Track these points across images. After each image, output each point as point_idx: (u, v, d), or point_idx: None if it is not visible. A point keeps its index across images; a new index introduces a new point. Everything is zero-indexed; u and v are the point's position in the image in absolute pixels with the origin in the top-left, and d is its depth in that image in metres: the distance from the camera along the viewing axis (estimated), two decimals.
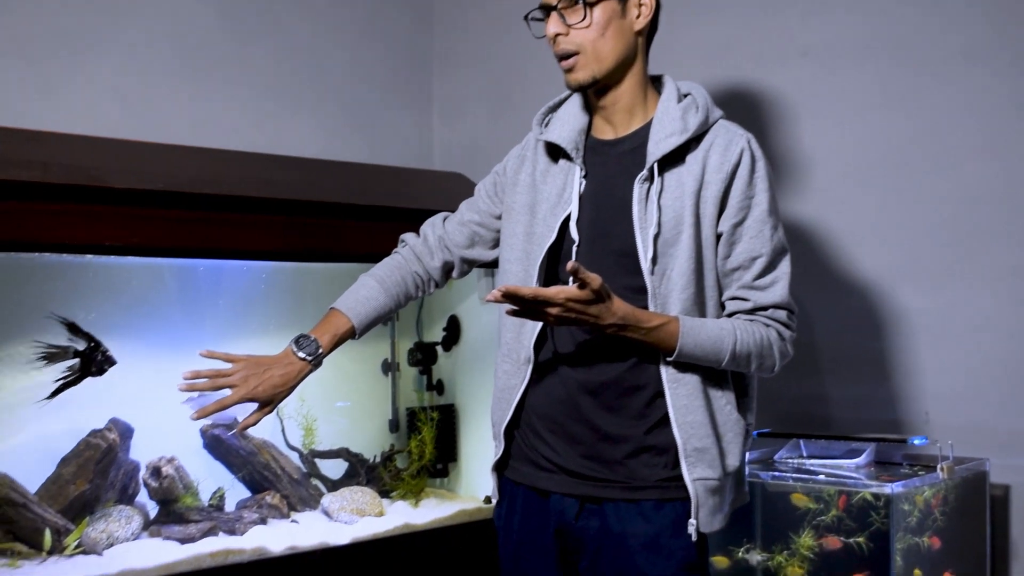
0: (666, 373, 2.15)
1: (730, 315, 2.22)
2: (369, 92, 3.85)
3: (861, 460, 2.79)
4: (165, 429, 2.91)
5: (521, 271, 2.28)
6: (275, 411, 3.09)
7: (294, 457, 3.21)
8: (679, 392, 2.15)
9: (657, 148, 2.18)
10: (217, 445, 3.02)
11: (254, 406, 2.26)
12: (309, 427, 3.24)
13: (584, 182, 2.25)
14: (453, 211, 2.52)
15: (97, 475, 2.73)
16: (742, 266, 2.19)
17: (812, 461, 2.83)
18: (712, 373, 2.18)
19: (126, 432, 2.84)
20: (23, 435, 2.77)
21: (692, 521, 2.14)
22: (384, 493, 3.25)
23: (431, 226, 2.53)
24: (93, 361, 2.41)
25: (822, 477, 2.69)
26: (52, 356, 2.63)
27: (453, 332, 3.43)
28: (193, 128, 3.31)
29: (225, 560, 2.68)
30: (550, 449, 2.25)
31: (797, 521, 2.69)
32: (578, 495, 2.22)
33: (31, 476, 2.69)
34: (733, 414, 2.20)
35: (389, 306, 2.44)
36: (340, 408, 3.36)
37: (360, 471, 3.29)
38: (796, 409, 3.03)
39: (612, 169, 2.25)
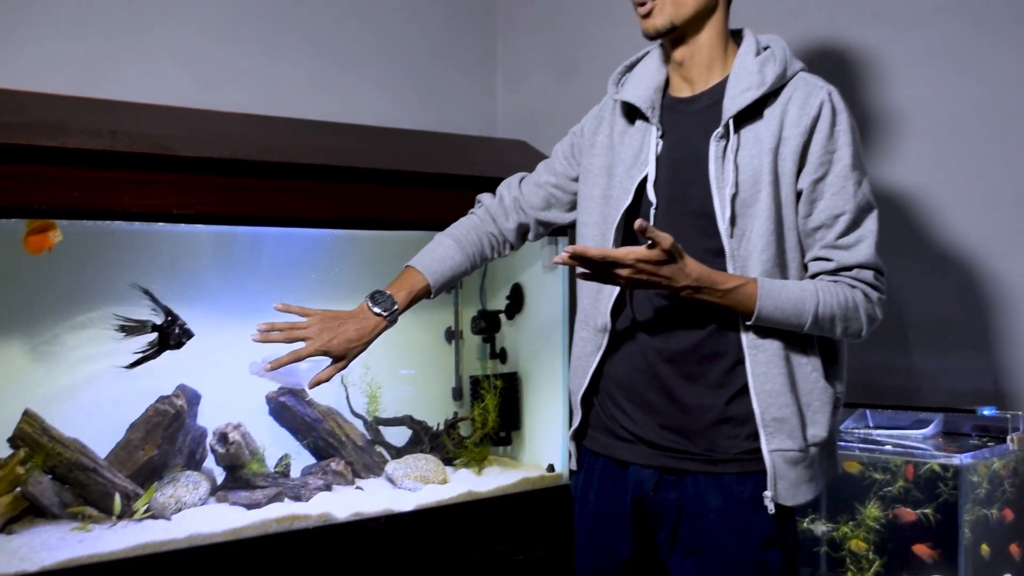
0: (746, 339, 2.08)
1: (813, 277, 2.12)
2: (433, 59, 3.84)
3: (929, 431, 2.75)
4: (232, 396, 2.93)
5: (598, 235, 2.23)
6: (340, 378, 3.14)
7: (358, 424, 3.23)
8: (759, 359, 2.08)
9: (733, 103, 2.10)
10: (283, 412, 3.04)
11: (325, 363, 2.25)
12: (373, 394, 3.26)
13: (661, 142, 2.19)
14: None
15: (165, 441, 2.76)
16: (824, 224, 2.09)
17: (879, 431, 2.80)
18: (795, 339, 2.10)
19: (193, 398, 2.86)
20: (93, 400, 2.81)
21: (767, 493, 2.08)
22: (447, 461, 3.26)
23: (507, 187, 2.50)
24: (171, 335, 2.43)
25: (889, 448, 2.65)
26: (130, 329, 2.66)
27: (516, 300, 3.43)
28: (259, 96, 3.32)
29: (291, 526, 2.70)
30: (628, 419, 2.21)
31: (863, 492, 2.67)
32: (657, 466, 2.17)
33: (101, 441, 2.73)
34: (820, 382, 2.12)
35: (465, 266, 2.41)
36: (404, 376, 3.37)
37: (424, 438, 3.30)
38: (861, 379, 2.99)
39: (689, 127, 2.18)
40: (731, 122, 2.10)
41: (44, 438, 2.60)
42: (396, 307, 2.30)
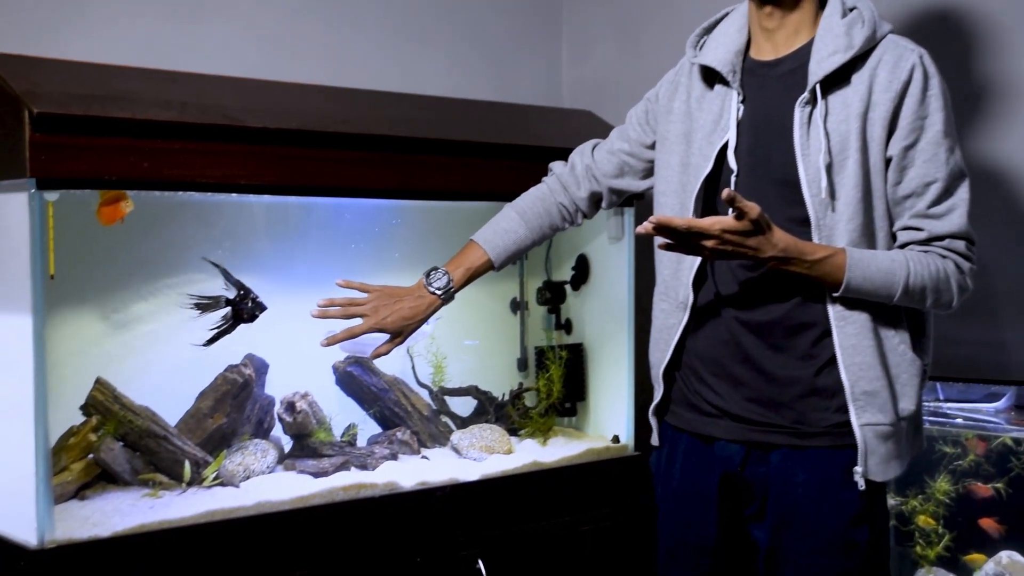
0: (833, 311, 2.04)
1: (903, 246, 2.08)
2: (499, 29, 3.82)
3: (1001, 404, 2.71)
4: (299, 365, 2.95)
5: (676, 204, 2.19)
6: (406, 348, 3.16)
7: (424, 394, 3.24)
8: (847, 331, 2.03)
9: (819, 68, 2.05)
10: (349, 381, 3.06)
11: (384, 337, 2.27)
12: (439, 365, 3.27)
13: (742, 107, 2.13)
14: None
15: (234, 409, 2.79)
16: (915, 193, 2.04)
17: (949, 404, 2.76)
18: (884, 310, 2.05)
19: (261, 367, 2.89)
20: (163, 369, 2.85)
21: (858, 469, 2.05)
22: (512, 431, 3.26)
23: (579, 154, 2.46)
24: (244, 309, 2.46)
25: (959, 421, 2.62)
26: (204, 306, 2.70)
27: (582, 271, 3.41)
28: (327, 67, 3.33)
29: (357, 494, 2.72)
30: (713, 393, 2.17)
31: (933, 465, 2.64)
32: (743, 441, 2.14)
33: (171, 410, 2.77)
34: (908, 354, 2.08)
35: (529, 239, 2.40)
36: (469, 346, 3.38)
37: (489, 409, 3.30)
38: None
39: (772, 92, 2.13)
40: (818, 87, 2.04)
41: (115, 406, 2.64)
42: (451, 285, 2.31)
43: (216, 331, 2.55)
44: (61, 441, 2.60)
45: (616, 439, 3.25)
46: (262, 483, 2.71)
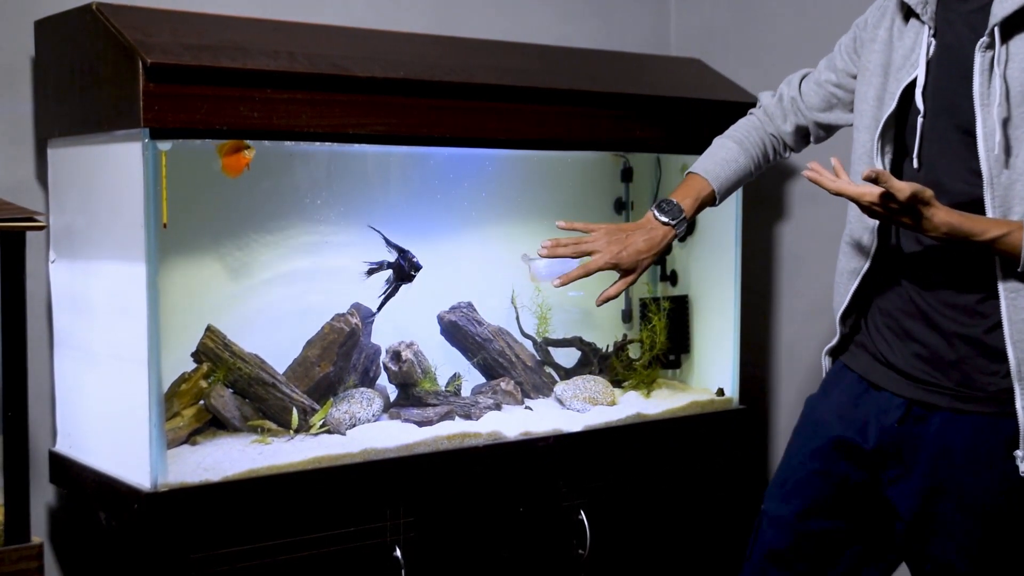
0: (1003, 283, 1.89)
1: None
2: None
3: None
4: (405, 314, 2.97)
5: (868, 141, 2.06)
6: (511, 298, 3.16)
7: (528, 345, 3.24)
8: (1017, 304, 1.89)
9: (1002, 7, 1.86)
10: (454, 331, 3.07)
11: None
12: (543, 315, 3.26)
13: (933, 42, 1.98)
14: (689, 98, 2.37)
15: (340, 358, 2.82)
16: None
17: None
18: None
19: (368, 317, 2.91)
20: (272, 317, 2.88)
21: (1018, 452, 1.92)
22: (616, 383, 3.25)
23: (787, 84, 2.35)
24: (404, 270, 2.48)
25: None
26: (371, 271, 2.74)
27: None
28: (433, 17, 3.32)
29: (461, 443, 2.74)
30: (885, 344, 2.08)
31: None
32: (907, 397, 2.04)
33: (279, 357, 2.80)
34: None
35: (749, 168, 2.30)
36: (573, 297, 3.37)
37: (593, 360, 3.29)
38: None
39: (960, 30, 1.95)
40: (997, 29, 1.88)
41: (226, 353, 2.68)
42: (683, 214, 2.22)
43: (383, 296, 2.60)
44: (173, 387, 2.65)
45: (721, 392, 3.23)
46: (368, 431, 2.73)
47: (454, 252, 3.14)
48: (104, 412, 2.55)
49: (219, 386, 2.67)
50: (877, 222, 2.04)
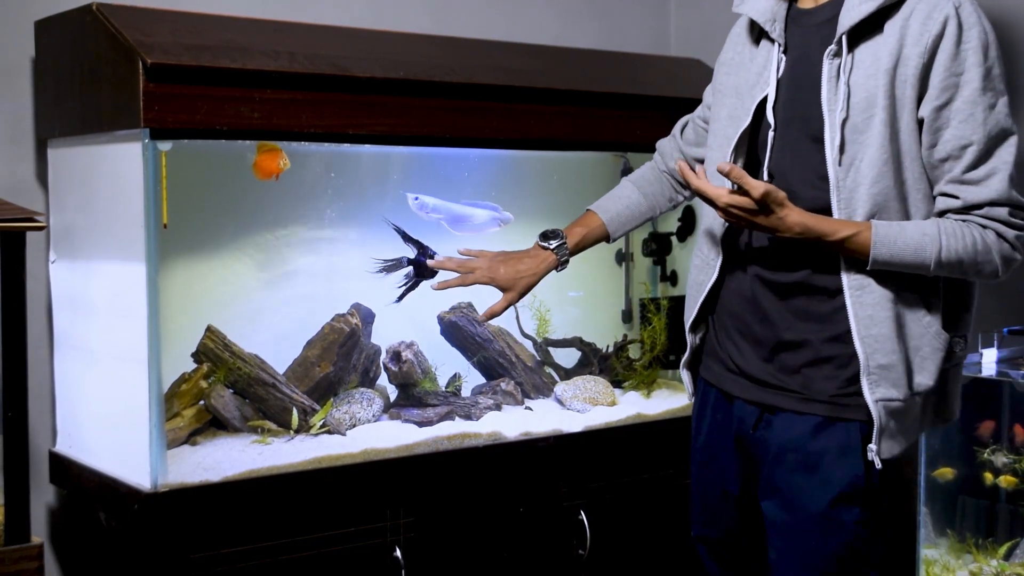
0: (848, 280, 1.93)
1: (940, 214, 1.94)
2: None
3: None
4: (404, 315, 2.97)
5: (720, 159, 2.06)
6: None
7: (528, 345, 3.24)
8: (863, 301, 1.92)
9: (848, 16, 1.91)
10: (454, 331, 3.07)
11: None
12: (543, 316, 3.26)
13: (784, 59, 2.01)
14: (688, 98, 2.44)
15: (340, 358, 2.82)
16: (951, 156, 1.89)
17: None
18: (911, 280, 1.93)
19: (368, 317, 2.91)
20: (272, 318, 2.88)
21: (872, 447, 1.94)
22: (616, 383, 3.25)
23: (679, 123, 2.41)
24: (424, 265, 2.51)
25: None
26: (389, 268, 2.74)
27: (688, 222, 3.37)
28: (434, 17, 3.32)
29: (461, 444, 2.74)
30: (736, 350, 2.10)
31: None
32: (757, 402, 2.07)
33: (279, 357, 2.80)
34: (934, 326, 1.95)
35: (645, 204, 2.38)
36: (573, 298, 3.37)
37: (593, 360, 3.29)
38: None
39: (809, 43, 1.99)
40: (844, 38, 1.92)
41: (226, 353, 2.68)
42: (565, 242, 2.31)
43: (403, 289, 2.60)
44: (173, 388, 2.65)
45: None
46: (368, 431, 2.73)
47: (453, 252, 3.12)
48: (104, 412, 2.55)
49: (219, 386, 2.67)
50: (723, 231, 2.10)
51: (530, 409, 3.02)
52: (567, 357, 3.33)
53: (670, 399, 3.18)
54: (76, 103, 2.52)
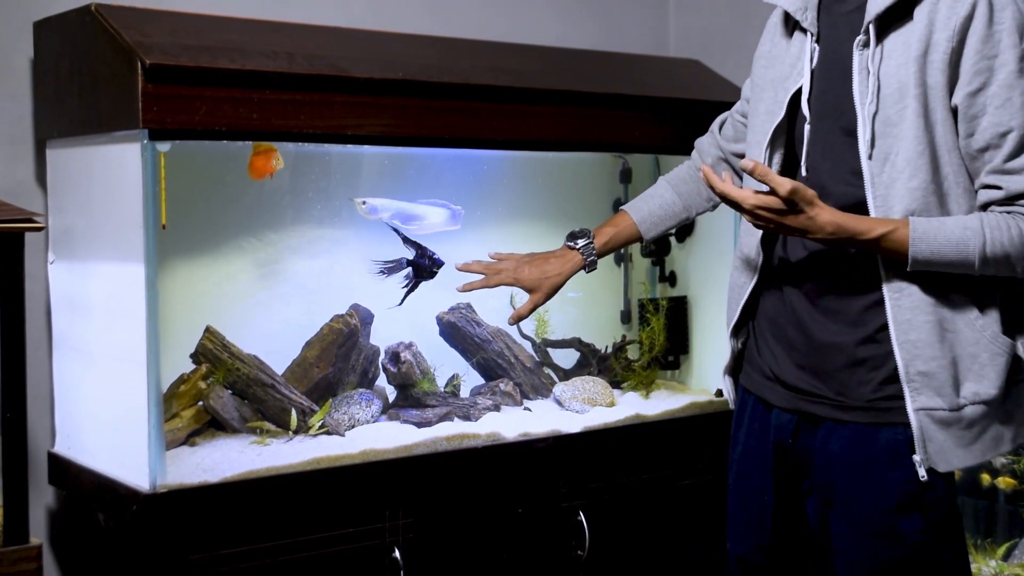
0: (888, 282, 1.85)
1: (984, 208, 1.85)
2: None
3: None
4: (403, 316, 2.97)
5: (759, 155, 2.03)
6: (510, 299, 3.16)
7: (527, 346, 3.24)
8: (902, 304, 1.84)
9: (875, 4, 1.84)
10: (453, 332, 3.07)
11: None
12: (542, 317, 3.26)
13: (817, 48, 1.96)
14: (687, 99, 2.42)
15: (339, 359, 2.82)
16: (990, 145, 1.80)
17: None
18: (958, 281, 1.84)
19: (366, 318, 2.91)
20: (270, 318, 2.88)
21: (916, 457, 1.86)
22: (615, 383, 3.25)
23: (718, 119, 2.37)
24: (423, 266, 2.51)
25: None
26: (389, 269, 2.75)
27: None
28: (432, 17, 3.32)
29: (460, 444, 2.74)
30: (772, 356, 2.05)
31: None
32: (793, 410, 2.01)
33: (277, 357, 2.80)
34: (989, 329, 1.85)
35: (680, 204, 2.34)
36: (572, 298, 3.37)
37: (592, 361, 3.29)
38: None
39: (841, 32, 1.93)
40: (873, 27, 1.86)
41: (224, 354, 2.68)
42: (592, 242, 2.29)
43: (406, 291, 2.61)
44: (172, 388, 2.65)
45: (719, 393, 3.22)
46: (367, 432, 2.73)
47: (453, 252, 3.13)
48: (103, 413, 2.55)
49: (218, 387, 2.67)
50: (761, 233, 2.03)
51: (529, 410, 3.02)
52: (566, 358, 3.33)
53: (669, 400, 3.18)
54: (75, 104, 2.52)
